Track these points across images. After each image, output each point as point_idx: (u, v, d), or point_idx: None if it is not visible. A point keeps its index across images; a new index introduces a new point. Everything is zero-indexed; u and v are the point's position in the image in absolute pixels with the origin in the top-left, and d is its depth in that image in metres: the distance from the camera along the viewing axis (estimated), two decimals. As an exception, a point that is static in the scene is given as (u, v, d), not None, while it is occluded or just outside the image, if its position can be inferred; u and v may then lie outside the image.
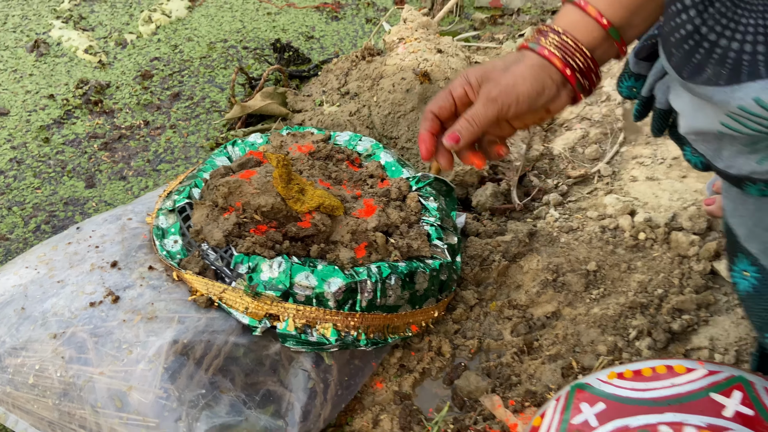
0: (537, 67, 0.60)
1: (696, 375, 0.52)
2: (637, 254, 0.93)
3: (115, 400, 0.67)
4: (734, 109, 0.49)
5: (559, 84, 0.61)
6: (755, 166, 0.53)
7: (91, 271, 0.79)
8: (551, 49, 0.60)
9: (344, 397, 0.83)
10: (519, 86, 0.60)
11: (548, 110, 0.62)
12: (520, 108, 0.61)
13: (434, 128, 0.64)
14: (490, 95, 0.61)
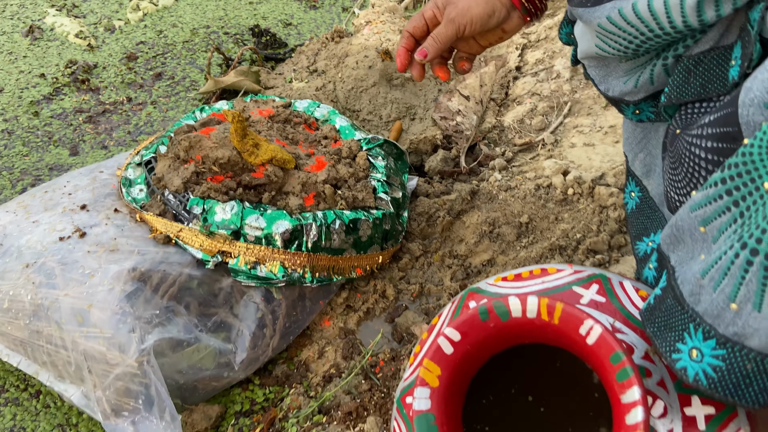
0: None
1: (563, 274, 0.60)
2: (565, 207, 1.01)
3: (77, 316, 0.76)
4: (596, 28, 0.57)
5: (508, 7, 0.71)
6: (623, 87, 0.61)
7: (63, 213, 0.88)
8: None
9: (292, 330, 0.91)
10: (473, 9, 0.70)
11: (504, 30, 0.74)
12: (474, 27, 0.72)
13: (409, 45, 0.76)
14: (449, 16, 0.71)
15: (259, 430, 0.82)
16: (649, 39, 0.52)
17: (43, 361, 0.79)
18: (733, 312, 0.43)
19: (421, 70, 0.75)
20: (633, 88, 0.60)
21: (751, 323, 0.42)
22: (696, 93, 0.53)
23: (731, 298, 0.43)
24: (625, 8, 0.51)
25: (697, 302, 0.46)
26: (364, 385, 0.85)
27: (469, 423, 0.62)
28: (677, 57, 0.53)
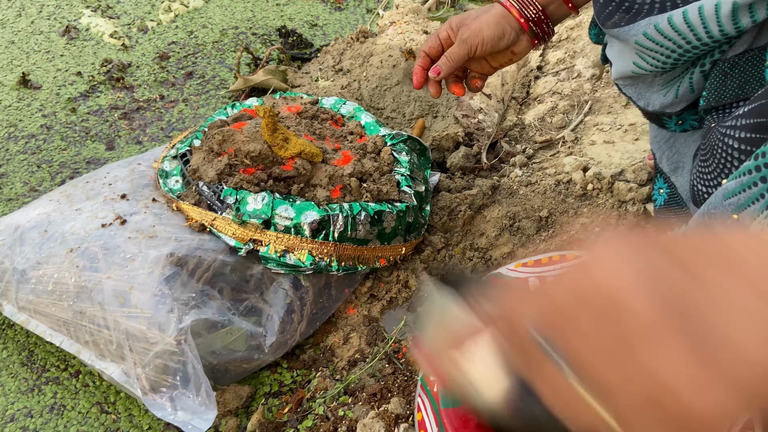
0: (499, 15, 0.75)
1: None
2: (585, 202, 1.04)
3: (119, 297, 0.81)
4: (634, 45, 0.60)
5: (517, 30, 0.76)
6: (663, 99, 0.64)
7: (104, 202, 0.93)
8: (512, 2, 0.75)
9: (319, 317, 0.95)
10: (484, 31, 0.75)
11: (513, 52, 0.78)
12: (486, 48, 0.76)
13: (425, 64, 0.81)
14: (462, 37, 0.76)
15: (287, 409, 0.86)
16: (687, 51, 0.54)
17: (86, 341, 0.84)
18: None
19: (437, 87, 0.80)
20: (674, 99, 0.62)
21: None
22: (734, 95, 0.55)
23: None
24: (661, 23, 0.53)
25: None
26: (387, 369, 0.88)
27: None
28: (714, 62, 0.55)
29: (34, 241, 0.90)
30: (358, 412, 0.82)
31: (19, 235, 0.91)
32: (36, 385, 0.93)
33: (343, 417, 0.82)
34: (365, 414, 0.81)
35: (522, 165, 1.18)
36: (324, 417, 0.83)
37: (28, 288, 0.88)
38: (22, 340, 0.98)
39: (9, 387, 0.93)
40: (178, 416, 0.77)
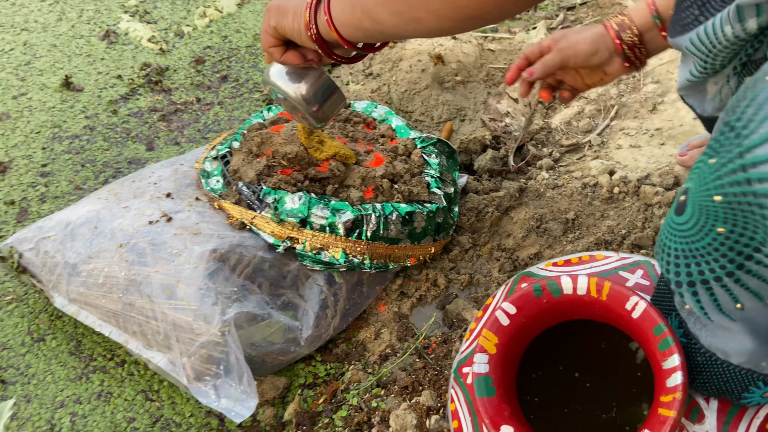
0: (597, 34, 0.81)
1: (610, 260, 0.66)
2: (611, 205, 1.06)
3: (166, 291, 0.86)
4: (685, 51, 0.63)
5: (611, 51, 0.81)
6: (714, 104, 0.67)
7: (150, 200, 0.98)
8: (612, 24, 0.80)
9: (352, 312, 0.99)
10: (580, 44, 0.81)
11: (605, 72, 0.84)
12: (578, 60, 0.82)
13: (522, 65, 0.87)
14: (559, 47, 0.82)
15: (322, 400, 0.90)
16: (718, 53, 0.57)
17: (134, 331, 0.89)
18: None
19: (526, 87, 0.86)
20: (719, 104, 0.65)
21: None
22: None
23: None
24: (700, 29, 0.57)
25: None
26: (418, 364, 0.92)
27: (521, 394, 0.69)
28: (743, 65, 0.58)
29: (84, 237, 0.95)
30: (390, 404, 0.86)
31: (70, 231, 0.97)
32: (84, 373, 0.98)
33: (376, 408, 0.86)
34: (397, 405, 0.85)
35: (548, 168, 1.21)
36: (358, 408, 0.87)
37: (78, 281, 0.93)
38: (70, 330, 1.03)
39: (59, 375, 0.98)
40: (221, 403, 0.81)
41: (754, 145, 0.42)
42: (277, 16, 0.72)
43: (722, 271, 0.48)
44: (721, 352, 0.51)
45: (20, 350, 1.01)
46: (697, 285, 0.50)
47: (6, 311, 1.06)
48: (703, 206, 0.47)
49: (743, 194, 0.43)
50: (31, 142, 1.37)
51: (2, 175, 1.30)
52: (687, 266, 0.50)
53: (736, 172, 0.43)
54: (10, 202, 1.24)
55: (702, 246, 0.48)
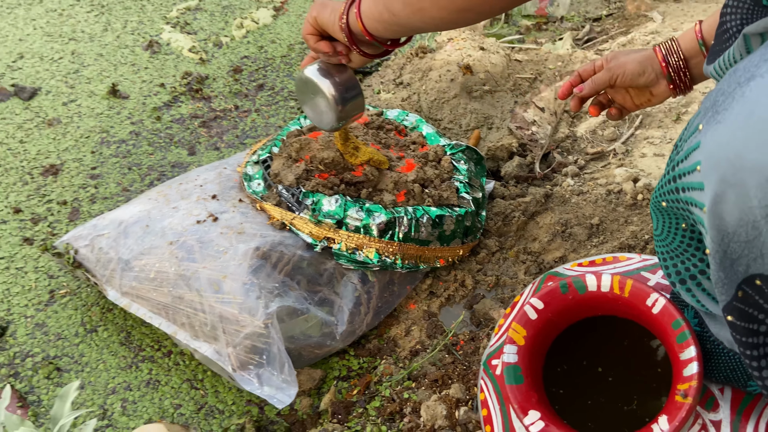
0: (646, 57, 0.86)
1: (633, 261, 0.70)
2: (635, 211, 1.10)
3: (213, 285, 0.92)
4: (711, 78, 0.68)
5: (658, 73, 0.86)
6: None
7: (197, 201, 1.04)
8: (660, 48, 0.86)
9: (384, 310, 1.04)
10: (628, 65, 0.86)
11: (652, 93, 0.89)
12: (625, 80, 0.87)
13: (574, 82, 0.93)
14: (608, 66, 0.88)
15: (356, 391, 0.95)
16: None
17: (182, 323, 0.95)
18: None
19: (577, 102, 0.91)
20: None
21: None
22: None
23: None
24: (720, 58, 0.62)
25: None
26: (447, 359, 0.97)
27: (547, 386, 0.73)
28: None
29: (136, 235, 1.02)
30: (421, 396, 0.91)
31: (123, 229, 1.04)
32: (134, 362, 1.05)
33: (407, 399, 0.91)
34: (428, 397, 0.90)
35: (574, 175, 1.25)
36: (390, 399, 0.92)
37: (131, 275, 1.00)
38: (120, 322, 1.10)
39: (110, 364, 1.05)
40: (264, 391, 0.87)
41: (680, 160, 0.50)
42: (319, 8, 0.84)
43: (702, 264, 0.54)
44: (727, 341, 0.56)
45: (74, 340, 1.09)
46: (687, 282, 0.56)
47: (61, 304, 1.14)
48: (658, 212, 0.56)
49: (677, 201, 0.52)
50: (81, 146, 1.46)
51: (55, 177, 1.38)
52: (674, 265, 0.56)
53: (670, 182, 0.52)
54: (63, 202, 1.32)
55: (675, 246, 0.55)
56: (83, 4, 1.94)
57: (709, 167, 0.45)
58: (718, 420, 0.58)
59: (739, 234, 0.43)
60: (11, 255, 1.22)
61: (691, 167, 0.47)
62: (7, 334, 1.09)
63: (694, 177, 0.47)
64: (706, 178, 0.45)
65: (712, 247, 0.46)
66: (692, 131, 0.49)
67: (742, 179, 0.42)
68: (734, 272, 0.46)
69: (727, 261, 0.46)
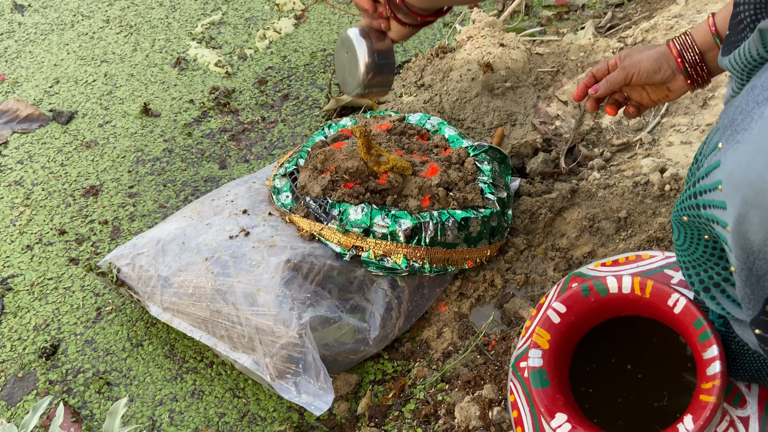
0: (661, 53, 0.85)
1: (656, 259, 0.70)
2: (662, 202, 1.09)
3: (248, 298, 0.96)
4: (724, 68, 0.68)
5: (674, 69, 0.85)
6: None
7: (229, 217, 1.08)
8: (674, 43, 0.84)
9: (414, 313, 1.07)
10: (642, 63, 0.85)
11: (669, 89, 0.88)
12: (641, 78, 0.85)
13: (589, 83, 0.92)
14: (623, 65, 0.87)
15: (392, 395, 0.98)
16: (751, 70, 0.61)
17: (221, 335, 0.99)
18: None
19: (594, 103, 0.90)
20: None
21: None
22: None
23: None
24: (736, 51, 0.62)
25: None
26: (479, 360, 0.98)
27: (576, 385, 0.74)
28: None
29: (174, 252, 1.07)
30: (455, 397, 0.93)
31: (161, 247, 1.08)
32: (178, 374, 1.10)
33: (441, 401, 0.93)
34: (461, 398, 0.92)
35: (600, 168, 1.24)
36: (425, 401, 0.94)
37: (171, 291, 1.04)
38: (164, 336, 1.15)
39: (156, 376, 1.10)
40: (302, 398, 0.90)
41: (701, 176, 0.51)
42: None
43: (726, 272, 0.54)
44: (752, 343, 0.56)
45: (122, 355, 1.14)
46: (711, 289, 0.56)
47: (107, 320, 1.20)
48: (679, 225, 0.56)
49: (698, 216, 0.52)
50: (118, 166, 1.52)
51: (95, 197, 1.45)
52: (697, 274, 0.56)
53: (692, 198, 0.53)
54: (104, 221, 1.38)
55: (698, 256, 0.55)
56: (112, 26, 2.01)
57: (731, 188, 0.45)
58: (746, 416, 0.58)
59: (765, 252, 0.44)
60: (59, 275, 1.28)
61: (713, 185, 0.48)
62: (59, 352, 1.15)
63: (715, 195, 0.48)
64: (729, 198, 0.46)
65: (737, 265, 0.47)
66: (712, 148, 0.50)
67: (765, 200, 0.42)
68: (761, 288, 0.46)
69: (753, 278, 0.46)
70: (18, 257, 1.32)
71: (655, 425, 0.70)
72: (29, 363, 1.14)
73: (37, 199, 1.45)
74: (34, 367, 1.13)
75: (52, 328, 1.19)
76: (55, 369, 1.13)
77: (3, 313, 1.22)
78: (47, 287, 1.26)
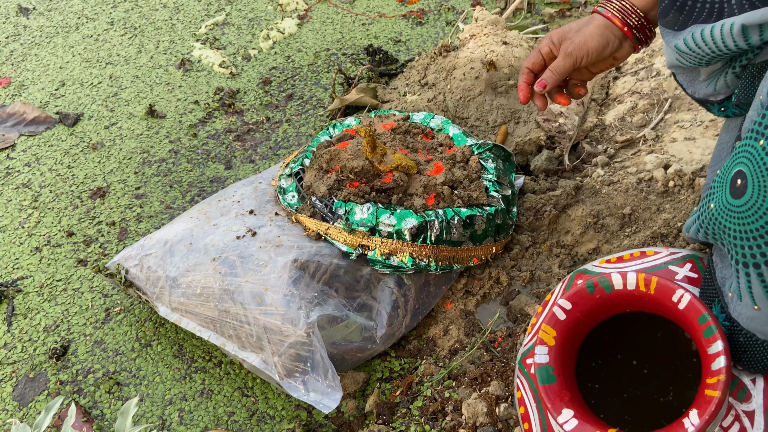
0: (603, 26, 0.80)
1: (660, 255, 0.71)
2: (666, 198, 1.10)
3: (256, 298, 0.96)
4: (674, 48, 0.68)
5: (620, 38, 0.80)
6: (706, 90, 0.71)
7: (236, 217, 1.09)
8: (614, 12, 0.79)
9: (421, 311, 1.07)
10: (589, 42, 0.80)
11: (615, 58, 0.83)
12: (591, 59, 0.81)
13: (529, 79, 0.86)
14: (566, 51, 0.81)
15: (399, 392, 0.99)
16: (715, 56, 0.62)
17: (229, 335, 1.00)
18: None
19: (543, 100, 0.85)
20: (713, 91, 0.70)
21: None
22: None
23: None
24: (696, 34, 0.62)
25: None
26: (485, 357, 0.99)
27: (583, 381, 0.75)
28: (743, 66, 0.63)
29: (181, 253, 1.08)
30: (462, 394, 0.93)
31: (169, 248, 1.09)
32: (187, 373, 1.11)
33: (449, 398, 0.94)
34: (468, 395, 0.93)
35: (604, 165, 1.25)
36: (432, 398, 0.95)
37: (179, 292, 1.05)
38: (172, 336, 1.16)
39: (165, 376, 1.11)
40: (310, 396, 0.91)
41: None
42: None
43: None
44: (761, 333, 0.56)
45: (131, 355, 1.15)
46: (750, 267, 0.54)
47: (116, 321, 1.21)
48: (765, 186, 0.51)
49: None
50: (125, 167, 1.53)
51: (102, 199, 1.46)
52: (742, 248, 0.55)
53: None
54: (111, 223, 1.40)
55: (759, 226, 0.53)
56: (117, 28, 2.02)
57: None
58: (751, 410, 0.59)
59: None
60: (68, 277, 1.29)
61: None
62: (69, 353, 1.16)
63: None
64: None
65: None
66: None
67: None
68: None
69: None
70: (27, 259, 1.34)
71: (661, 420, 0.71)
72: (40, 364, 1.15)
73: (45, 201, 1.46)
74: (45, 368, 1.14)
75: (62, 329, 1.20)
76: (65, 369, 1.14)
77: (13, 314, 1.23)
78: (56, 289, 1.27)
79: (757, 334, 0.58)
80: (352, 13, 1.93)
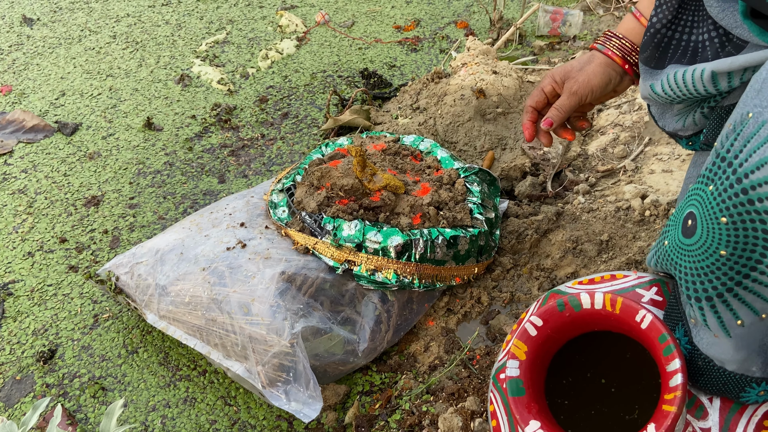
0: (604, 64, 0.84)
1: (629, 279, 0.75)
2: (642, 227, 1.14)
3: (243, 308, 0.99)
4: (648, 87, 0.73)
5: (621, 74, 0.84)
6: (675, 125, 0.76)
7: (227, 229, 1.12)
8: (614, 51, 0.83)
9: (403, 327, 1.10)
10: (592, 80, 0.83)
11: (616, 91, 0.87)
12: (595, 96, 0.85)
13: (533, 117, 0.89)
14: (571, 90, 0.84)
15: (378, 405, 1.01)
16: (686, 97, 0.67)
17: (215, 343, 1.03)
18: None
19: (548, 137, 0.88)
20: (682, 127, 0.75)
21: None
22: None
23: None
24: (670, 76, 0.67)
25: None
26: (463, 373, 1.02)
27: (554, 398, 0.78)
28: (711, 108, 0.68)
29: (172, 262, 1.10)
30: (438, 408, 0.96)
31: (160, 257, 1.12)
32: (171, 381, 1.13)
33: (426, 412, 0.97)
34: (445, 410, 0.95)
35: (584, 192, 1.29)
36: (410, 412, 0.98)
37: (168, 300, 1.08)
38: (159, 344, 1.18)
39: (150, 383, 1.13)
40: (291, 406, 0.93)
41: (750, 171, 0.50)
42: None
43: (723, 288, 0.57)
44: (718, 360, 0.60)
45: (117, 361, 1.17)
46: (702, 301, 0.59)
47: (104, 327, 1.23)
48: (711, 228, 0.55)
49: (747, 212, 0.51)
50: (120, 177, 1.56)
51: (96, 207, 1.49)
52: (693, 283, 0.59)
53: (738, 195, 0.52)
54: (104, 231, 1.42)
55: (707, 265, 0.57)
56: (119, 42, 2.07)
57: None
58: (707, 428, 0.62)
59: None
60: (58, 282, 1.32)
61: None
62: (56, 357, 1.18)
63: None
64: None
65: None
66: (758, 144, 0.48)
67: None
68: None
69: None
70: (19, 263, 1.36)
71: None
72: (27, 366, 1.17)
73: (40, 208, 1.49)
74: (32, 371, 1.16)
75: (51, 333, 1.22)
76: (52, 373, 1.16)
77: (3, 317, 1.25)
78: (47, 293, 1.30)
79: (715, 360, 0.61)
80: (350, 37, 1.99)
